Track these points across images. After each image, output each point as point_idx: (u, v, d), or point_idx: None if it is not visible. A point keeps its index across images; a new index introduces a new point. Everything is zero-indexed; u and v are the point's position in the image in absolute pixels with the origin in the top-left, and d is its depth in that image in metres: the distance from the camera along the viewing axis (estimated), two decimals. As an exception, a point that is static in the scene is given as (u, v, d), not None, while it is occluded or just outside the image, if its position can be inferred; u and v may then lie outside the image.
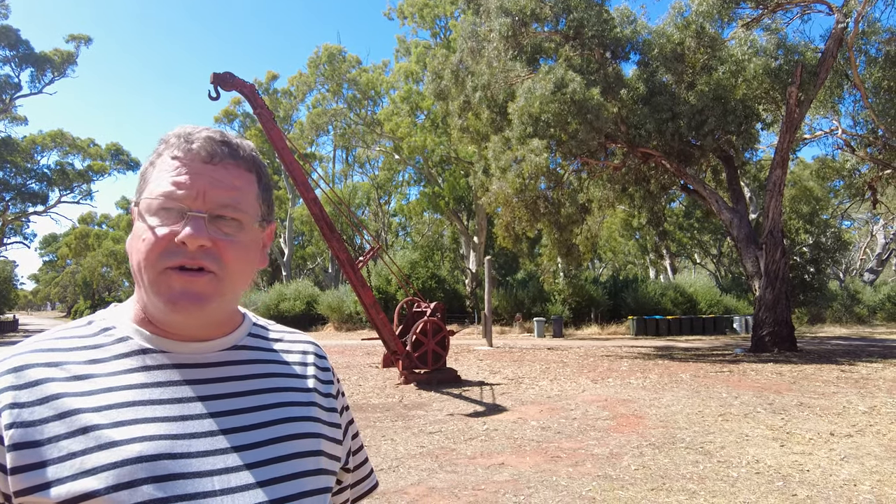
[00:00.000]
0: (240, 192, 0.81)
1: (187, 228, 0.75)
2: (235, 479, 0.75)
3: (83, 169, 40.66)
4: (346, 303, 30.03)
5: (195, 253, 0.76)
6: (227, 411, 0.79)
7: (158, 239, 0.76)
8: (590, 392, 9.57)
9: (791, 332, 15.96)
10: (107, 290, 57.88)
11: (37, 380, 0.73)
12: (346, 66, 34.67)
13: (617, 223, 35.00)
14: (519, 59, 16.64)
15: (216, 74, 8.52)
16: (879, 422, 6.97)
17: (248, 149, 0.85)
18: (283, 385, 0.87)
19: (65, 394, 0.73)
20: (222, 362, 0.84)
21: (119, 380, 0.76)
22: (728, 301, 29.95)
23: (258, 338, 0.91)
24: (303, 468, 0.81)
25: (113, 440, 0.70)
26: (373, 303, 10.18)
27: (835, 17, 14.57)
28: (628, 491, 4.56)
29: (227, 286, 0.79)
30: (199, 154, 0.79)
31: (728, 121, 15.10)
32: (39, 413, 0.71)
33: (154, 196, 0.78)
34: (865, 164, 21.87)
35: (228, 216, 0.79)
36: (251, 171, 0.84)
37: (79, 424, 0.70)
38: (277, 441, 0.80)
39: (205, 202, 0.77)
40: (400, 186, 43.01)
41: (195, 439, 0.75)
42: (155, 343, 0.80)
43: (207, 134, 0.81)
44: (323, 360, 0.96)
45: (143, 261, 0.77)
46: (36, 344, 0.77)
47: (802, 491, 4.51)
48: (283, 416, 0.83)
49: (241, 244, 0.80)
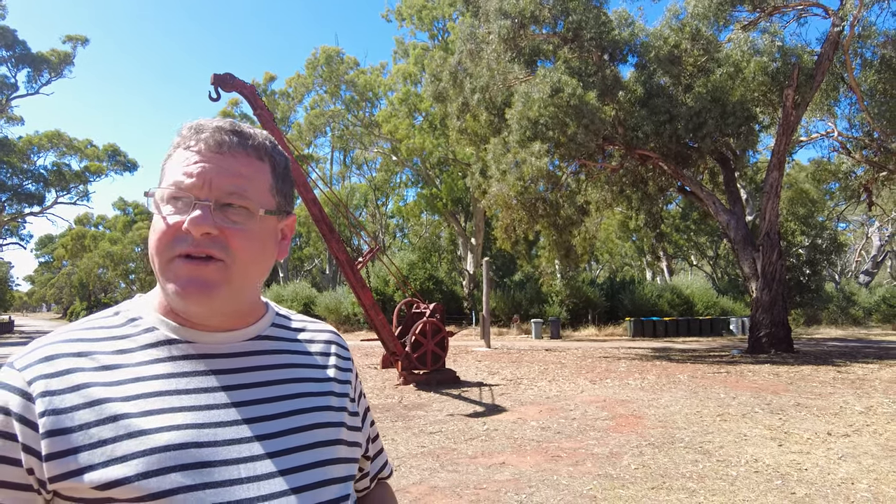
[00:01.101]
0: (247, 180, 0.81)
1: (192, 215, 0.77)
2: (261, 467, 0.76)
3: (80, 170, 40.49)
4: (344, 304, 30.01)
5: (201, 241, 0.77)
6: (252, 400, 0.81)
7: (168, 227, 0.78)
8: (588, 393, 9.60)
9: (788, 334, 16.01)
10: (103, 292, 57.67)
11: (66, 369, 0.74)
12: (343, 67, 34.72)
13: (614, 225, 35.05)
14: (517, 61, 16.69)
15: (216, 76, 8.54)
16: (876, 422, 7.02)
17: (261, 137, 0.85)
18: (304, 375, 0.89)
19: (94, 383, 0.74)
20: (246, 352, 0.85)
21: (146, 370, 0.78)
22: (725, 303, 30.01)
23: (281, 328, 0.93)
24: (325, 457, 0.83)
25: (142, 429, 0.72)
26: (372, 304, 10.20)
27: (831, 20, 14.65)
28: (629, 490, 4.59)
29: (235, 274, 0.79)
30: (207, 143, 0.80)
31: (726, 123, 15.13)
32: (70, 401, 0.72)
33: (165, 186, 0.80)
34: (861, 166, 21.97)
35: (236, 203, 0.79)
36: (262, 160, 0.84)
37: (108, 413, 0.72)
38: (300, 430, 0.82)
39: (211, 190, 0.78)
40: (397, 188, 43.06)
41: (221, 428, 0.76)
42: (180, 333, 0.82)
43: (217, 124, 0.82)
44: (343, 350, 0.99)
45: (154, 249, 0.79)
46: (65, 334, 0.79)
47: (801, 489, 4.55)
48: (306, 406, 0.85)
49: (249, 232, 0.80)
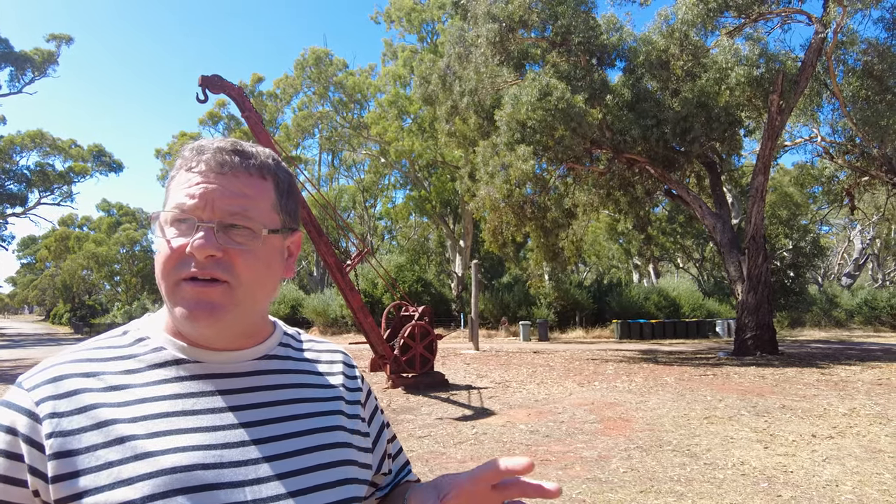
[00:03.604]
0: (250, 200, 0.80)
1: (195, 239, 0.76)
2: (267, 490, 0.76)
3: (64, 170, 39.97)
4: (332, 306, 29.90)
5: (205, 263, 0.76)
6: (259, 421, 0.80)
7: (172, 251, 0.77)
8: (577, 395, 9.65)
9: (773, 336, 16.20)
10: (87, 294, 56.93)
11: (74, 390, 0.74)
12: (332, 69, 34.64)
13: (601, 227, 35.27)
14: (506, 65, 16.76)
15: (204, 77, 8.46)
16: (859, 423, 7.12)
17: (263, 156, 0.84)
18: (312, 395, 0.88)
19: (101, 404, 0.74)
20: (254, 372, 0.85)
21: (154, 390, 0.77)
22: (711, 305, 30.31)
23: (289, 347, 0.92)
24: (332, 478, 0.82)
25: (148, 451, 0.71)
26: (361, 306, 10.17)
27: (814, 27, 14.87)
28: (618, 493, 4.62)
29: (241, 296, 0.79)
30: (209, 165, 0.79)
31: (712, 127, 15.31)
32: (77, 422, 0.72)
33: (169, 209, 0.79)
34: (843, 170, 22.33)
35: (239, 224, 0.79)
36: (265, 178, 0.83)
37: (115, 435, 0.72)
38: (307, 451, 0.82)
39: (214, 211, 0.78)
40: (386, 190, 42.99)
41: (227, 449, 0.76)
42: (188, 353, 0.81)
43: (219, 145, 0.81)
44: (351, 369, 0.98)
45: (160, 272, 0.79)
46: (73, 354, 0.79)
47: (787, 492, 4.60)
48: (313, 427, 0.84)
49: (254, 253, 0.79)
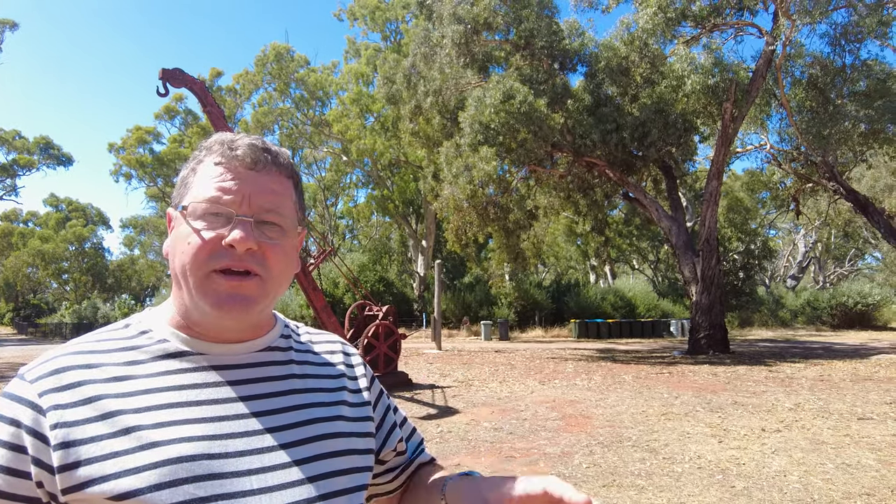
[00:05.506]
0: (279, 197, 0.83)
1: (236, 231, 0.77)
2: (272, 479, 0.77)
3: (7, 163, 38.17)
4: (292, 306, 29.45)
5: (242, 256, 0.78)
6: (263, 411, 0.81)
7: (205, 242, 0.78)
8: (538, 393, 9.81)
9: (725, 336, 16.82)
10: (32, 292, 54.40)
11: (76, 381, 0.74)
12: (294, 65, 34.12)
13: (560, 229, 35.89)
14: (470, 67, 16.88)
15: (165, 70, 8.26)
16: (804, 417, 7.49)
17: (286, 156, 0.88)
18: (314, 386, 0.89)
19: (105, 395, 0.74)
20: (257, 363, 0.86)
21: (158, 381, 0.78)
22: (665, 305, 31.23)
23: (290, 339, 0.94)
24: (336, 467, 0.83)
25: (154, 441, 0.72)
26: (324, 306, 10.11)
27: (765, 39, 15.54)
28: (581, 488, 4.74)
29: (270, 289, 0.81)
30: (243, 160, 0.81)
31: (669, 133, 15.79)
32: (82, 413, 0.72)
33: (200, 200, 0.80)
34: (790, 177, 23.37)
35: (271, 221, 0.81)
36: (290, 178, 0.87)
37: (121, 425, 0.72)
38: (311, 441, 0.83)
39: (250, 207, 0.80)
40: (347, 188, 42.63)
41: (232, 439, 0.77)
42: (192, 345, 0.82)
43: (250, 141, 0.83)
44: (350, 357, 0.99)
45: (190, 263, 0.78)
46: (74, 346, 0.79)
47: (740, 483, 4.82)
48: (316, 416, 0.85)
49: (283, 248, 0.82)
